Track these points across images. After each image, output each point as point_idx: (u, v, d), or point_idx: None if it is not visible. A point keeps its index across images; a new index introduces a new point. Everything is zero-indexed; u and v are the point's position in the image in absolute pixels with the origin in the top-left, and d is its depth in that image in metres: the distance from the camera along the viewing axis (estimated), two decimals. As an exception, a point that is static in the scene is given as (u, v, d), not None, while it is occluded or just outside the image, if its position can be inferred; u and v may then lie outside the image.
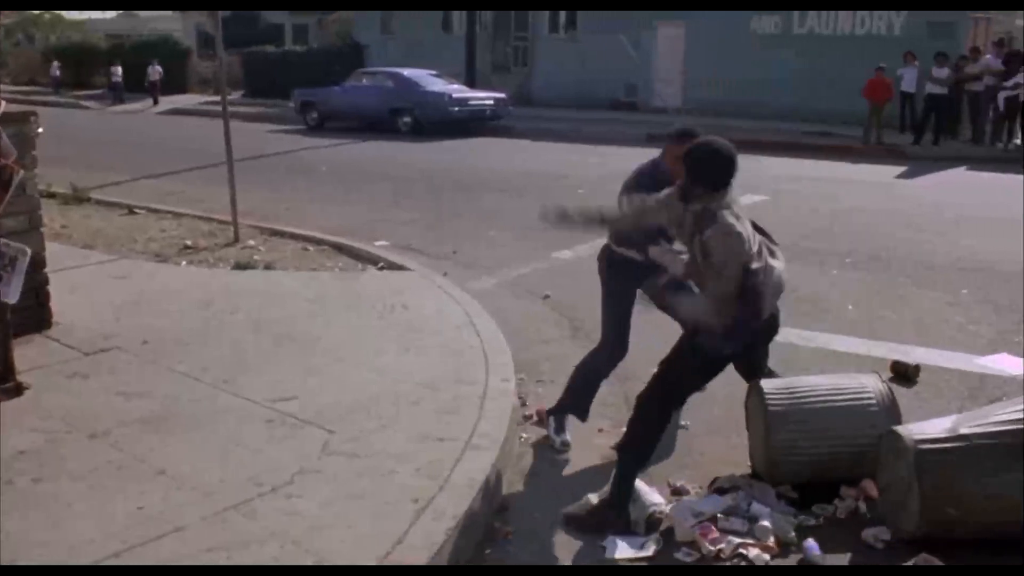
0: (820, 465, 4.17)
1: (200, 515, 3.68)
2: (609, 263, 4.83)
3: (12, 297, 4.80)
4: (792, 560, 3.74)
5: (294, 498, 3.85)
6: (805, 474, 4.20)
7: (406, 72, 22.52)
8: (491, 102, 22.20)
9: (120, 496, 3.83)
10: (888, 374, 5.58)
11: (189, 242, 8.95)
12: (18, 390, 4.89)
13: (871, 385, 4.30)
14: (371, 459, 4.22)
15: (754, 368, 4.51)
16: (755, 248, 3.81)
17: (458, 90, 22.16)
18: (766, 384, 4.32)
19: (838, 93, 20.90)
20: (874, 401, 4.21)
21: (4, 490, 3.87)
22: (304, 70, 29.54)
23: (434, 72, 23.04)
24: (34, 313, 5.82)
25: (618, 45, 25.76)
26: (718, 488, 4.26)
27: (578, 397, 4.93)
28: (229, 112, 9.67)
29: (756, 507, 4.01)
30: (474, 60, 27.27)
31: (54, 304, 6.02)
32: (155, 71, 33.31)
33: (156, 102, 32.53)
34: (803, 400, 4.22)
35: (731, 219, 3.74)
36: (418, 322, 6.29)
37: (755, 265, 3.77)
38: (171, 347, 5.68)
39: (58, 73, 39.05)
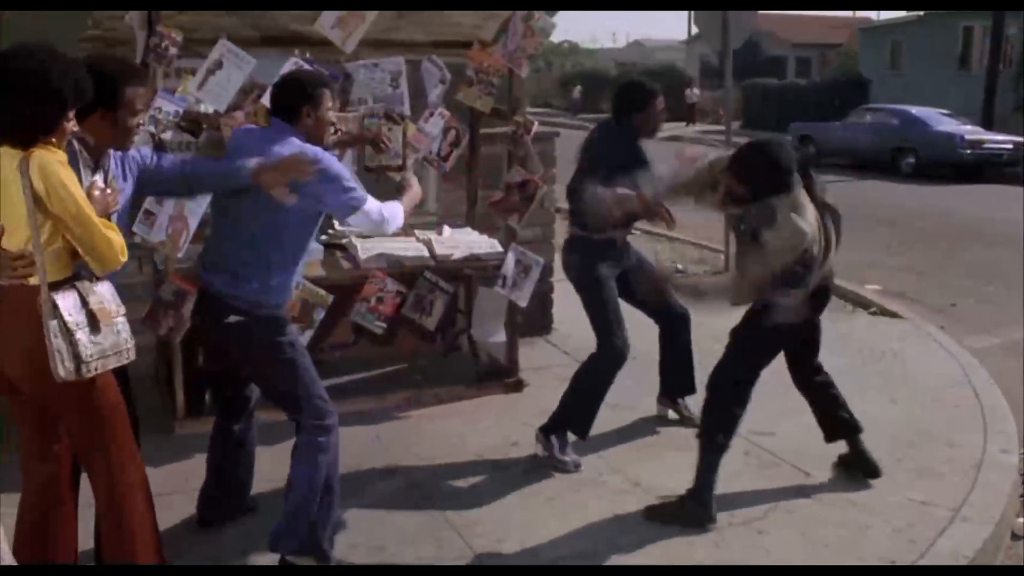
0: None
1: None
2: (581, 254, 4.58)
3: (523, 301, 5.24)
4: None
5: (763, 534, 3.82)
6: None
7: (914, 110, 21.36)
8: (1009, 146, 20.25)
9: (594, 502, 4.10)
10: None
11: (680, 266, 9.22)
12: (519, 386, 5.36)
13: None
14: (845, 509, 4.07)
15: (814, 344, 4.30)
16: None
17: (971, 131, 20.53)
18: None
19: None
20: None
21: (498, 476, 4.27)
22: (803, 104, 29.19)
23: (946, 111, 21.62)
24: (538, 318, 6.33)
25: None
26: None
27: (580, 409, 4.51)
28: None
29: None
30: (993, 99, 25.17)
31: (555, 311, 6.50)
32: (692, 94, 34.81)
33: (691, 123, 33.97)
34: None
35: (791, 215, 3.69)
36: (907, 373, 5.92)
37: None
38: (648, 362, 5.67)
39: (578, 96, 42.23)
